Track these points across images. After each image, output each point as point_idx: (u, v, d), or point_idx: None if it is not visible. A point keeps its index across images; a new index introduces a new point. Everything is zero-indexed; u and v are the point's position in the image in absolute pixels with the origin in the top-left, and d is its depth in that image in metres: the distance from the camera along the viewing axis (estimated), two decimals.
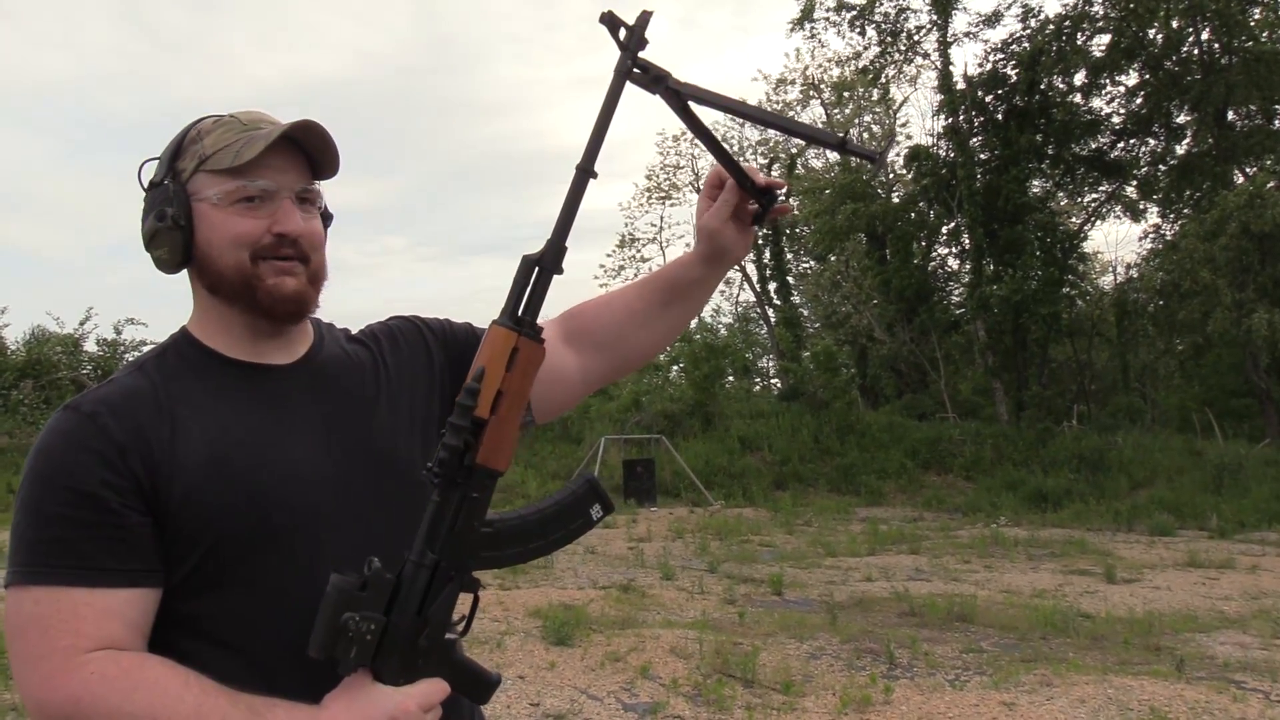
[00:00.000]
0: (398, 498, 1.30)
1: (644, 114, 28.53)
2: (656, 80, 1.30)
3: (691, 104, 1.33)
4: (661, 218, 38.38)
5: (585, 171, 1.22)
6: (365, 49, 71.82)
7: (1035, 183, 27.10)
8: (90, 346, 22.46)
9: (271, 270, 1.27)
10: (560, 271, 1.20)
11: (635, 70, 1.27)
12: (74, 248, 54.94)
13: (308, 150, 1.30)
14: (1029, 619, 8.05)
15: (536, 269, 1.18)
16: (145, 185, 1.32)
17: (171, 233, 1.27)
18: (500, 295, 1.56)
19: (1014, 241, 24.79)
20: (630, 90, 1.27)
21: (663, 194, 35.67)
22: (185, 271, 1.33)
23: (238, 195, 1.25)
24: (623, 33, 1.25)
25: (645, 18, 1.26)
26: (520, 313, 1.17)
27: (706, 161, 34.78)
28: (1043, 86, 25.51)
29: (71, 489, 1.15)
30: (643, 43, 1.26)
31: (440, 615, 1.15)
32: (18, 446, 18.65)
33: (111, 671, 1.11)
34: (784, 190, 1.47)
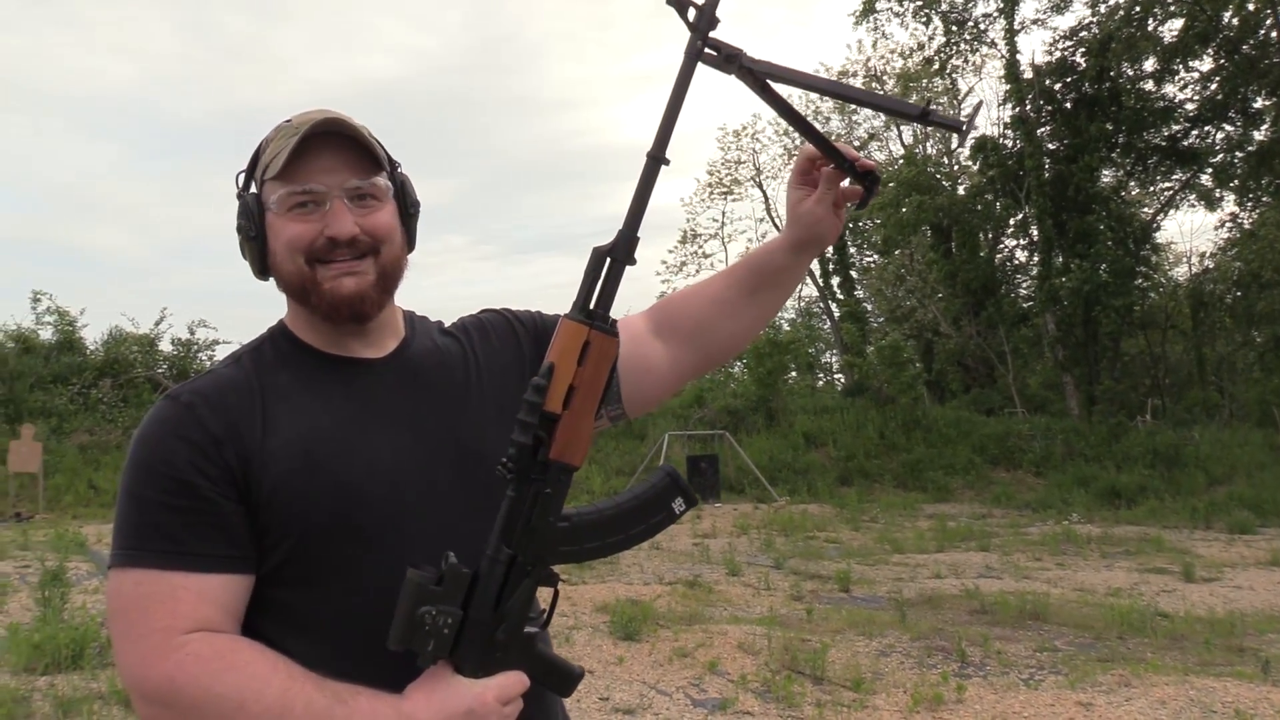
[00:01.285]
0: (485, 492, 1.29)
1: (705, 107, 28.39)
2: (730, 60, 1.26)
3: (770, 82, 1.30)
4: (724, 213, 38.29)
5: (656, 159, 1.19)
6: (420, 50, 72.66)
7: (1106, 172, 26.51)
8: (165, 346, 23.06)
9: (330, 274, 1.28)
10: (633, 262, 1.18)
11: (706, 51, 1.23)
12: (144, 250, 56.55)
13: (362, 144, 1.31)
14: (1105, 618, 7.89)
15: (608, 260, 1.16)
16: (237, 197, 1.36)
17: (249, 244, 1.31)
18: (561, 291, 1.58)
19: (1084, 232, 24.27)
20: (692, 82, 1.22)
21: (724, 189, 35.60)
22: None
23: (291, 201, 1.27)
24: (691, 13, 1.21)
25: None
26: (592, 305, 1.16)
27: (768, 156, 34.65)
28: (1113, 73, 24.93)
29: (169, 475, 1.19)
30: (713, 22, 1.21)
31: (517, 609, 1.16)
32: (97, 443, 19.21)
33: (205, 653, 1.14)
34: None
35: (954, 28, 27.29)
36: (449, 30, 71.63)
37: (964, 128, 1.31)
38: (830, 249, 31.14)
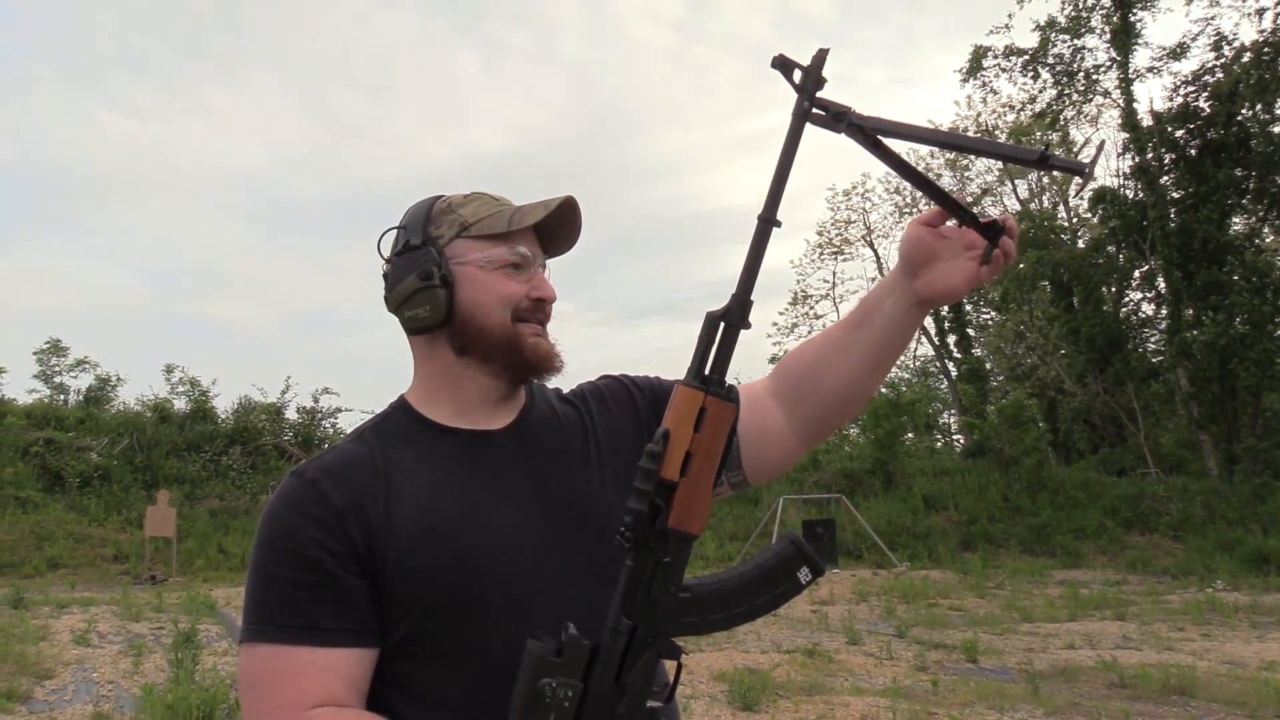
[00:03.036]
0: (605, 562, 1.28)
1: (813, 168, 28.49)
2: (838, 118, 1.24)
3: (883, 138, 1.27)
4: (834, 273, 38.06)
5: (768, 221, 1.18)
6: (528, 123, 74.91)
7: (1236, 219, 25.43)
8: (291, 414, 23.98)
9: (529, 331, 1.34)
10: (747, 326, 1.16)
11: (814, 111, 1.22)
12: (269, 323, 59.10)
13: (542, 226, 1.38)
14: (1259, 694, 7.35)
15: (722, 325, 1.15)
16: (389, 253, 1.39)
17: (437, 290, 1.32)
18: (669, 355, 1.56)
19: (1215, 283, 23.27)
20: (801, 143, 1.22)
21: (835, 249, 35.37)
22: (409, 343, 1.39)
23: (505, 260, 1.33)
24: (797, 74, 1.21)
25: (822, 56, 1.21)
26: (707, 370, 1.14)
27: (879, 214, 34.38)
28: (1240, 117, 24.03)
29: (294, 551, 1.21)
30: (820, 82, 1.21)
31: (639, 682, 1.12)
32: (227, 509, 20.00)
33: None
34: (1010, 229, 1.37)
35: (1064, 79, 26.78)
36: (555, 103, 73.78)
37: (1085, 170, 1.25)
38: (945, 307, 30.59)
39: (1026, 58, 26.56)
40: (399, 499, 1.25)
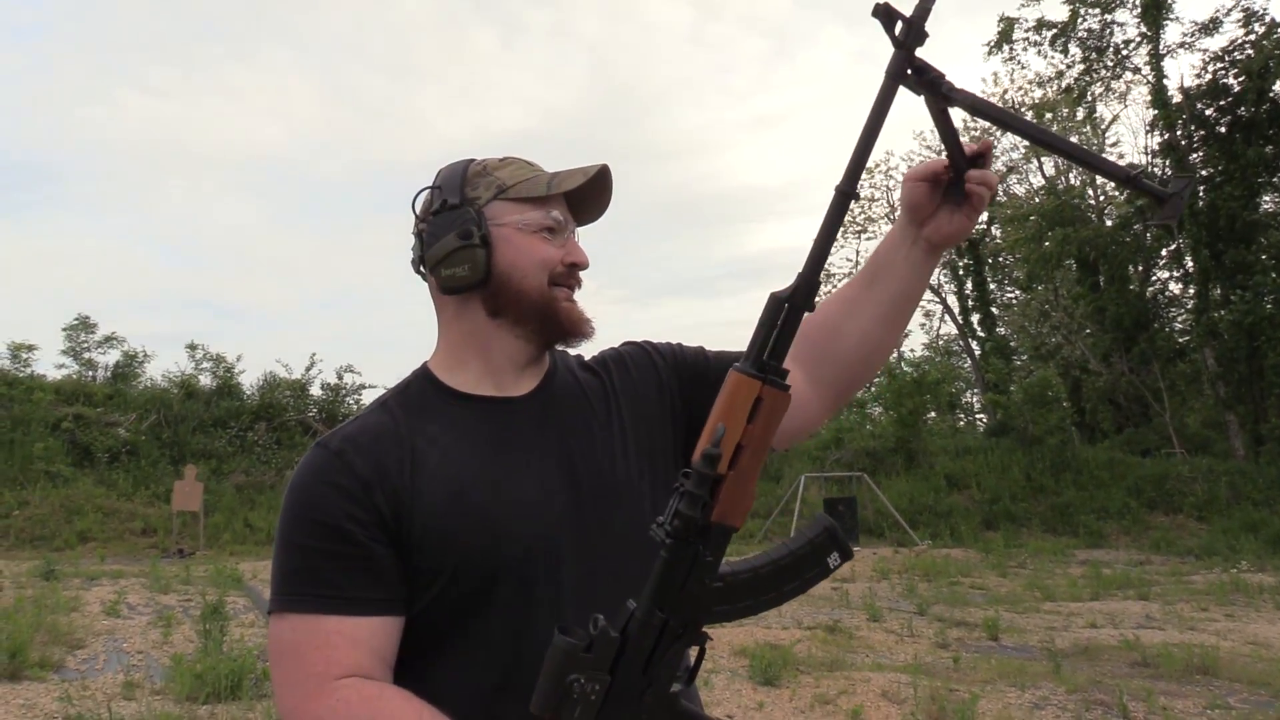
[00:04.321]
0: (628, 527, 1.30)
1: (833, 146, 28.26)
2: (932, 85, 1.16)
3: (950, 109, 1.21)
4: (858, 252, 37.76)
5: (846, 194, 1.10)
6: (546, 102, 74.91)
7: (1266, 198, 25.06)
8: (315, 391, 24.12)
9: (563, 295, 1.36)
10: (812, 309, 1.08)
11: (910, 73, 1.13)
12: (290, 301, 59.41)
13: (574, 193, 1.38)
14: None
15: (786, 308, 1.07)
16: (424, 212, 1.38)
17: (476, 250, 1.31)
18: (689, 334, 1.54)
19: (1243, 262, 22.97)
20: (810, 118, 1.13)
21: (859, 228, 35.15)
22: (435, 307, 1.40)
23: (542, 224, 1.34)
24: (899, 27, 1.11)
25: (926, 6, 1.12)
26: (766, 356, 1.07)
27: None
28: (1272, 94, 23.64)
29: (320, 522, 1.22)
30: (922, 38, 1.12)
31: (666, 672, 1.11)
32: (253, 484, 20.20)
33: (354, 699, 1.16)
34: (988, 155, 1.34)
35: (1094, 54, 26.43)
36: (573, 82, 73.68)
37: (1166, 199, 1.19)
38: (969, 285, 30.35)
39: (1056, 31, 26.20)
40: (423, 467, 1.26)
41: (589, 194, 1.39)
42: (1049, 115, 29.91)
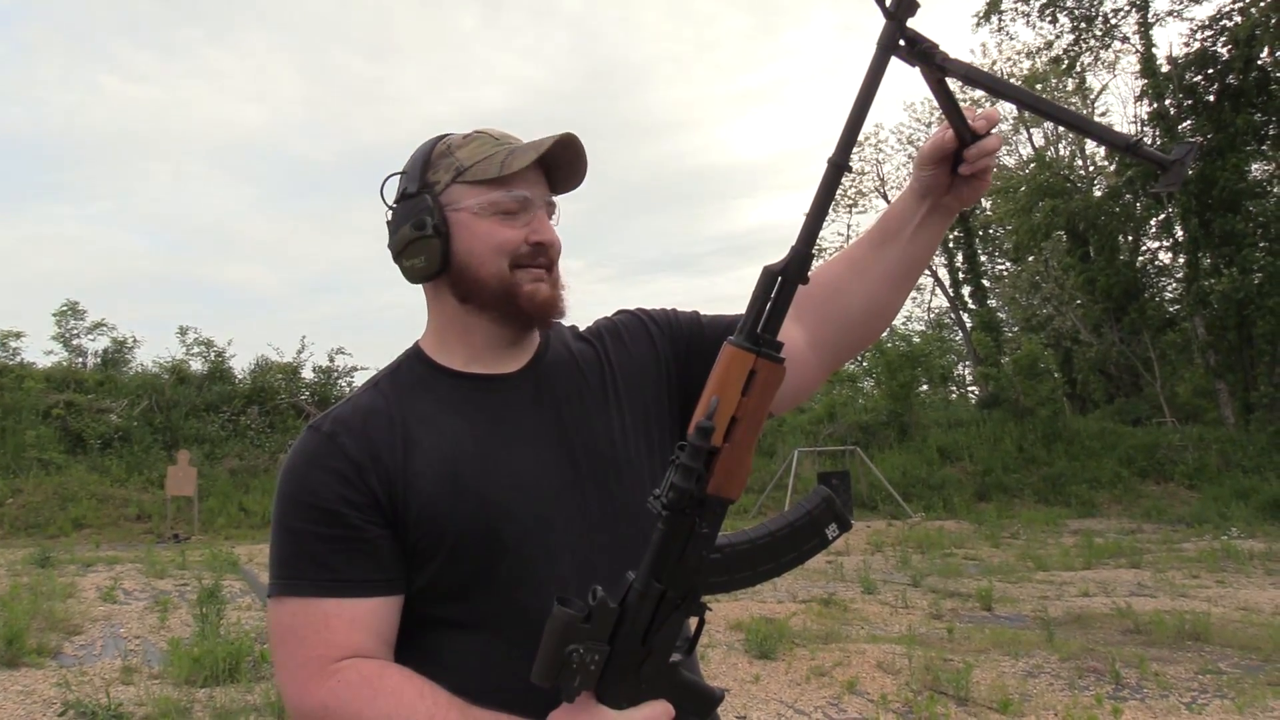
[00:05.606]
0: (625, 499, 1.30)
1: (823, 120, 28.15)
2: (925, 55, 1.15)
3: (949, 81, 1.20)
4: (849, 226, 37.73)
5: (839, 166, 1.09)
6: (529, 79, 74.49)
7: (1255, 166, 25.07)
8: (307, 374, 24.07)
9: (528, 277, 1.31)
10: (805, 281, 1.08)
11: (901, 44, 1.11)
12: (279, 284, 59.18)
13: (548, 164, 1.34)
14: (1273, 639, 7.39)
15: (779, 280, 1.07)
16: (391, 200, 1.37)
17: (431, 240, 1.30)
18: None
19: (1233, 231, 23.00)
20: (797, 93, 1.09)
21: (849, 202, 35.10)
22: (422, 288, 1.39)
23: (500, 205, 1.30)
24: None
25: None
26: (760, 329, 1.08)
27: (891, 166, 33.99)
28: (1260, 62, 23.61)
29: (315, 506, 1.22)
30: (913, 8, 1.10)
31: (664, 642, 1.13)
32: (247, 468, 20.18)
33: (355, 679, 1.17)
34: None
35: (1083, 24, 26.34)
36: (556, 59, 73.24)
37: (1169, 167, 1.18)
38: (960, 258, 30.35)
39: (1044, 1, 26.09)
40: (416, 448, 1.26)
41: (563, 163, 1.35)
42: (1039, 86, 29.84)
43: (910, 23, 1.12)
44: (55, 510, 17.19)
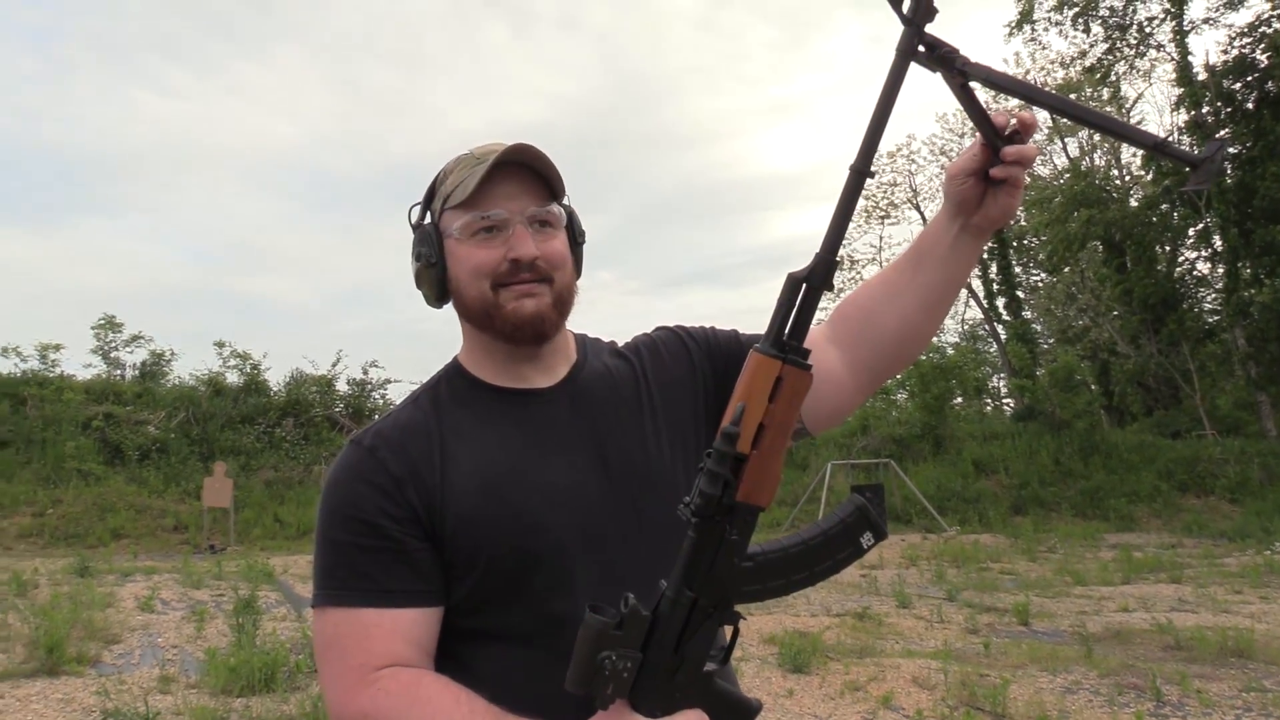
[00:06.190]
0: (660, 513, 1.30)
1: (853, 131, 28.04)
2: (945, 60, 1.14)
3: (974, 84, 1.18)
4: (880, 238, 37.59)
5: (861, 172, 1.09)
6: (558, 92, 75.07)
7: None
8: (341, 386, 24.29)
9: (511, 295, 1.31)
10: (830, 288, 1.08)
11: (921, 49, 1.12)
12: (315, 297, 59.86)
13: (542, 172, 1.34)
14: None
15: (804, 287, 1.07)
16: (412, 228, 1.40)
17: (428, 271, 1.35)
18: (709, 322, 1.53)
19: (1273, 241, 22.66)
20: (827, 104, 1.09)
21: (881, 213, 34.93)
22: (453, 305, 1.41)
23: (475, 227, 1.31)
24: (907, 4, 1.10)
25: None
26: (786, 336, 1.08)
27: (924, 177, 33.84)
28: None
29: (356, 519, 1.25)
30: (931, 13, 1.10)
31: (698, 651, 1.13)
32: (282, 479, 20.36)
33: (394, 688, 1.19)
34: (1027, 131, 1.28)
35: (1116, 33, 26.11)
36: (585, 72, 73.71)
37: (1199, 165, 1.16)
38: (994, 269, 30.10)
39: (1077, 9, 25.90)
40: (454, 462, 1.28)
41: (540, 172, 1.34)
42: (1073, 96, 29.54)
43: (929, 28, 1.12)
44: (94, 520, 17.42)
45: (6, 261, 51.21)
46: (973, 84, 1.19)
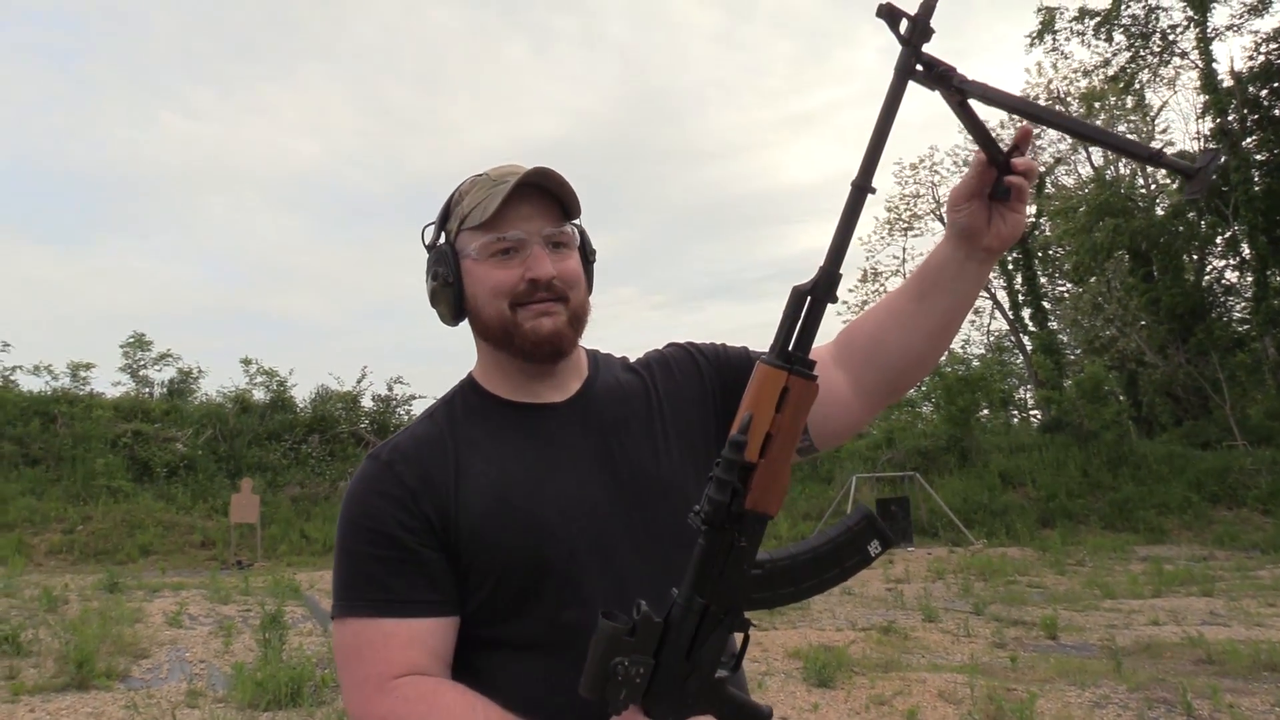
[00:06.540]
0: (671, 526, 1.32)
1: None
2: (942, 78, 1.18)
3: (972, 101, 1.21)
4: (904, 249, 37.42)
5: (862, 188, 1.13)
6: (579, 108, 75.50)
7: None
8: (367, 403, 24.45)
9: (529, 314, 1.34)
10: (834, 300, 1.11)
11: (919, 68, 1.16)
12: (336, 315, 60.36)
13: (558, 194, 1.37)
14: None
15: (808, 300, 1.11)
16: (426, 247, 1.43)
17: (444, 290, 1.38)
18: (731, 337, 1.56)
19: None
20: (847, 117, 1.13)
21: (904, 225, 34.79)
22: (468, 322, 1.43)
23: (493, 248, 1.34)
24: (904, 25, 1.14)
25: (930, 4, 1.15)
26: (791, 348, 1.11)
27: (948, 188, 33.73)
28: None
29: (372, 530, 1.28)
30: (927, 34, 1.14)
31: (709, 657, 1.15)
32: (308, 495, 20.49)
33: (411, 695, 1.22)
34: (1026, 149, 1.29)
35: (1139, 41, 25.97)
36: (605, 87, 74.11)
37: (1195, 175, 1.18)
38: (1019, 280, 29.91)
39: (1099, 19, 25.79)
40: (468, 474, 1.31)
41: (557, 193, 1.36)
42: (1097, 105, 29.42)
43: (926, 48, 1.16)
44: (123, 537, 17.59)
45: (38, 281, 52.01)
46: (972, 101, 1.22)
